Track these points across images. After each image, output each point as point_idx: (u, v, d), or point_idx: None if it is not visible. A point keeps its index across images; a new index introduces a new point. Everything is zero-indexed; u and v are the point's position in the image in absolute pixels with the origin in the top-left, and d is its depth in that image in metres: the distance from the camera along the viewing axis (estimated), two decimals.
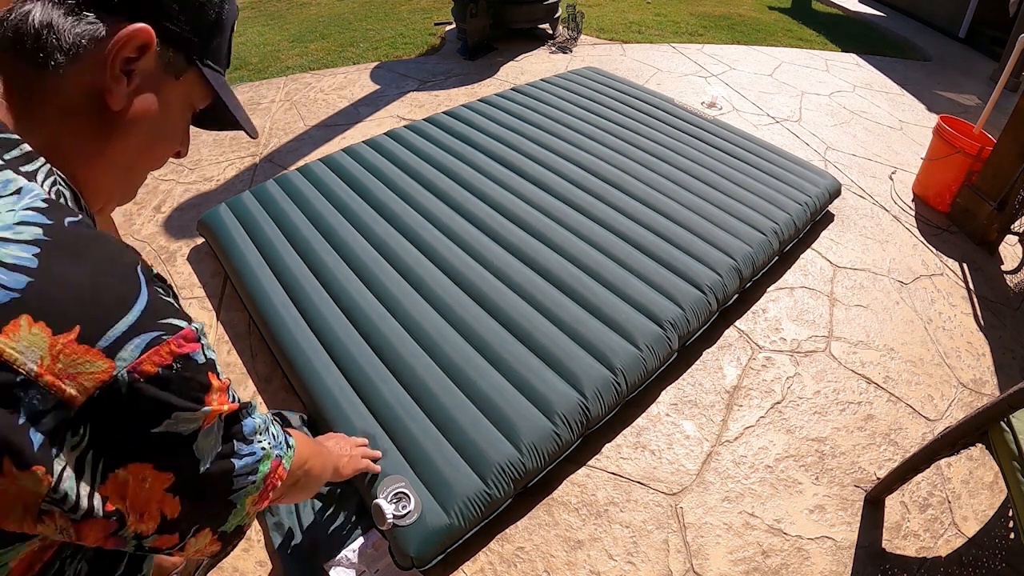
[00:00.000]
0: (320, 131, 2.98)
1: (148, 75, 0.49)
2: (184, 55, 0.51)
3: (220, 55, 0.56)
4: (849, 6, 5.74)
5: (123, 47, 0.45)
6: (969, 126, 2.52)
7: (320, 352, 1.55)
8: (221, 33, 0.54)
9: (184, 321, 0.44)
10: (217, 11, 0.52)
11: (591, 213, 2.02)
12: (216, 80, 0.55)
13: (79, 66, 0.45)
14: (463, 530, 1.22)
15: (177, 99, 0.54)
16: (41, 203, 0.39)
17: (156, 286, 0.43)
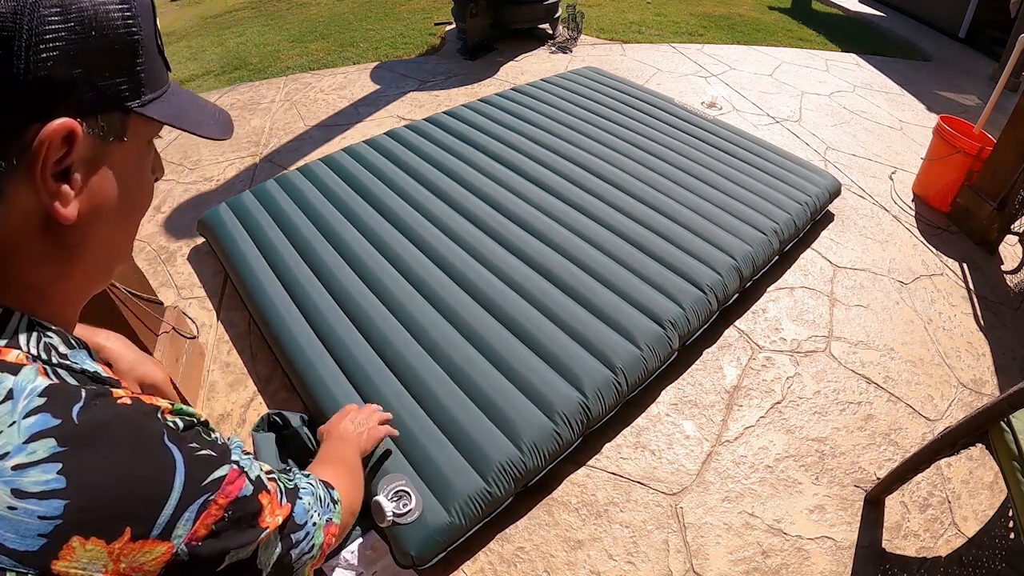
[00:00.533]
0: (320, 131, 2.98)
1: (88, 160, 0.40)
2: (118, 111, 0.42)
3: (154, 75, 0.45)
4: (849, 6, 5.74)
5: (46, 157, 0.37)
6: (969, 126, 2.52)
7: (321, 352, 1.55)
8: (145, 55, 0.43)
9: (223, 464, 0.42)
10: (129, 40, 0.41)
11: (591, 213, 2.02)
12: (163, 109, 0.45)
13: (6, 205, 0.37)
14: (464, 529, 1.22)
15: (132, 156, 0.45)
16: (38, 400, 0.35)
17: (189, 444, 0.40)
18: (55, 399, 0.35)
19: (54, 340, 0.41)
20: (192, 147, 2.86)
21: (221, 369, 1.70)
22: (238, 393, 1.63)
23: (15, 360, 0.37)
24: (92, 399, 0.37)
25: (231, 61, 4.01)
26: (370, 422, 1.21)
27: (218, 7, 5.95)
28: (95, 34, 0.38)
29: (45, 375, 0.37)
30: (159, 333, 1.55)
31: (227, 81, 3.67)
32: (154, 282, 1.89)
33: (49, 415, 0.35)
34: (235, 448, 0.45)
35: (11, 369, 0.36)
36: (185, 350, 1.62)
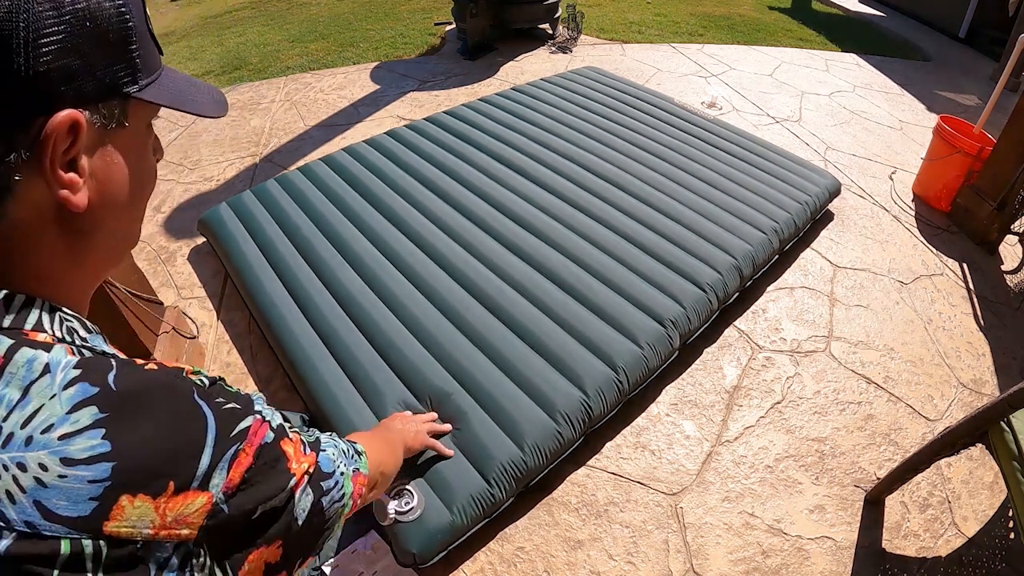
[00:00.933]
0: (320, 131, 2.98)
1: (94, 147, 0.42)
2: (118, 98, 0.43)
3: (148, 60, 0.46)
4: (849, 6, 5.74)
5: (54, 149, 0.38)
6: (969, 126, 2.53)
7: (322, 351, 1.55)
8: (139, 41, 0.44)
9: (247, 415, 0.44)
10: (122, 28, 0.42)
11: (592, 212, 2.03)
12: (160, 92, 0.46)
13: (19, 198, 0.38)
14: (465, 528, 1.22)
15: (134, 139, 0.46)
16: (74, 372, 0.37)
17: (216, 399, 0.43)
18: (90, 369, 0.37)
19: (75, 324, 0.43)
20: (192, 147, 2.86)
21: (221, 369, 1.70)
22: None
23: (45, 340, 0.38)
24: (123, 367, 0.39)
25: (231, 61, 4.01)
26: (421, 426, 1.23)
27: (218, 7, 5.95)
28: (89, 25, 0.39)
29: (73, 353, 0.38)
30: (159, 333, 1.55)
31: (227, 81, 3.67)
32: (154, 282, 1.89)
33: (87, 384, 0.36)
34: (257, 399, 0.48)
35: (44, 347, 0.37)
36: (185, 350, 1.62)
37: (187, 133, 2.98)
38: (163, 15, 6.09)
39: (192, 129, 3.02)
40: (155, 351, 1.46)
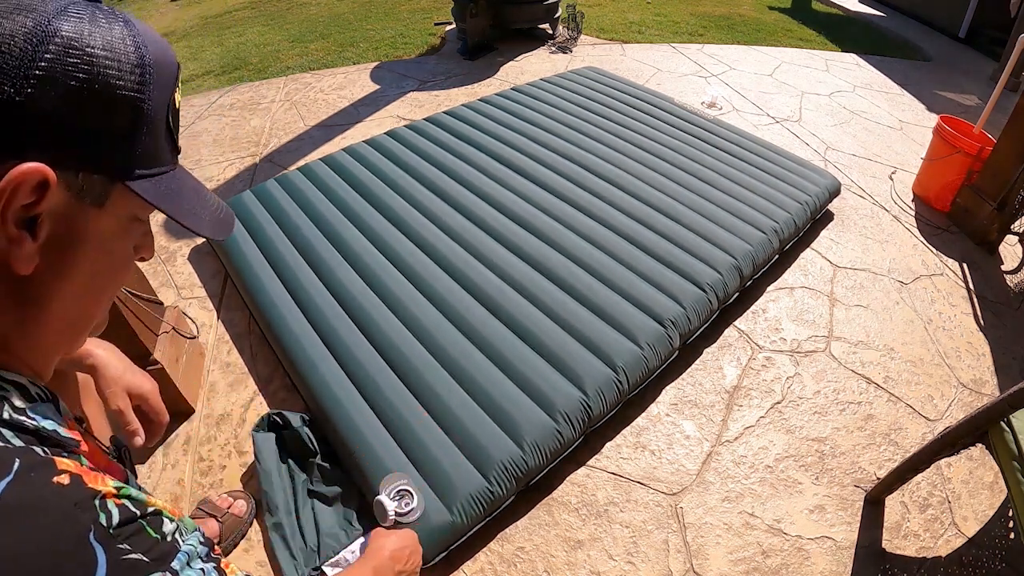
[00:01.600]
0: (320, 131, 2.98)
1: (60, 216, 0.37)
2: (103, 176, 0.39)
3: (152, 151, 0.41)
4: (849, 6, 5.74)
5: (11, 198, 0.34)
6: (969, 126, 2.52)
7: (322, 351, 1.55)
8: (150, 130, 0.40)
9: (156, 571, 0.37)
10: (134, 105, 0.38)
11: (592, 212, 2.03)
12: (153, 189, 0.41)
13: None
14: (465, 528, 1.23)
15: (110, 227, 0.41)
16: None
17: (118, 544, 0.35)
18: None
19: (10, 394, 0.38)
20: (192, 147, 2.86)
21: (221, 369, 1.70)
22: (238, 393, 1.63)
23: None
24: (28, 471, 0.33)
25: (231, 61, 4.01)
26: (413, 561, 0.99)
27: (218, 7, 5.95)
28: (98, 87, 0.36)
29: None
30: (159, 333, 1.55)
31: (227, 81, 3.67)
32: (154, 282, 1.89)
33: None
34: (182, 553, 0.40)
35: None
36: (185, 350, 1.62)
37: (188, 133, 2.98)
38: (163, 15, 6.09)
39: (192, 129, 3.02)
40: (155, 351, 1.46)
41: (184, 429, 1.54)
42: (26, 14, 0.35)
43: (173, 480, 1.43)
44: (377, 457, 1.30)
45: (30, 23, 0.34)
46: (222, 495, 1.34)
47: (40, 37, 0.34)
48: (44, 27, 0.35)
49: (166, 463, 1.46)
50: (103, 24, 0.37)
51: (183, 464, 1.46)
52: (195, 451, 1.49)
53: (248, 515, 1.32)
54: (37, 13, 0.35)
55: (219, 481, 1.42)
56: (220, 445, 1.50)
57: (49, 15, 0.35)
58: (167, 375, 1.46)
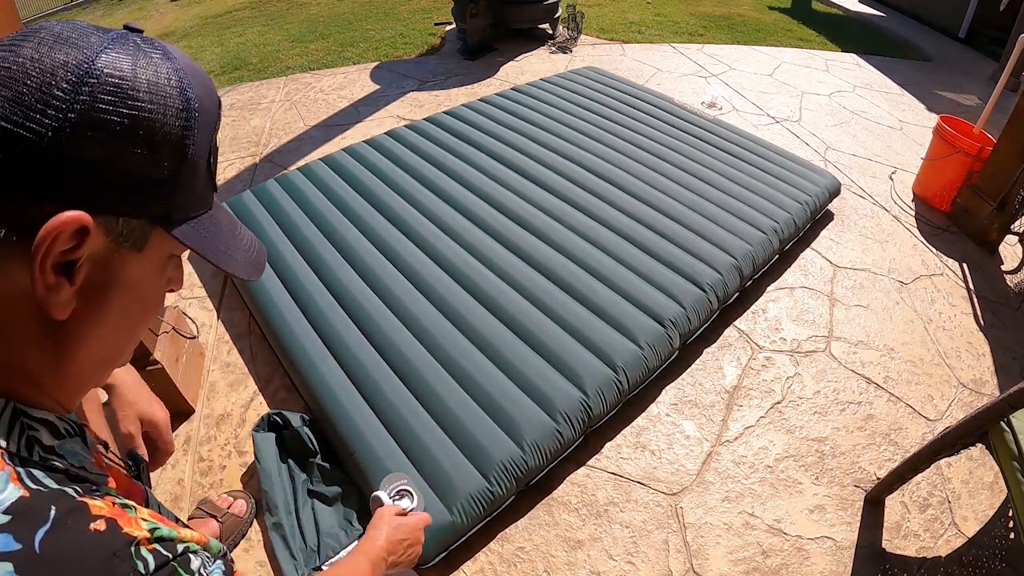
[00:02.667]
0: (320, 131, 2.98)
1: (98, 261, 0.37)
2: (144, 220, 0.38)
3: (194, 195, 0.41)
4: (849, 6, 5.74)
5: (51, 246, 0.33)
6: (969, 126, 2.52)
7: (322, 351, 1.55)
8: (192, 174, 0.40)
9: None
10: (177, 150, 0.38)
11: (592, 212, 2.03)
12: (192, 232, 0.41)
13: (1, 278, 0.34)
14: (465, 528, 1.22)
15: (147, 270, 0.41)
16: (3, 517, 0.32)
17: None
18: (20, 520, 0.32)
19: (40, 433, 0.38)
20: None
21: (221, 369, 1.70)
22: (238, 393, 1.63)
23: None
24: (63, 517, 0.33)
25: (231, 61, 4.01)
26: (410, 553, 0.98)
27: (218, 7, 5.95)
28: (142, 132, 0.35)
29: (18, 481, 0.33)
30: (159, 333, 1.55)
31: (227, 81, 3.67)
32: None
33: (11, 537, 0.31)
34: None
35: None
36: (185, 350, 1.62)
37: None
38: (163, 15, 6.09)
39: None
40: (155, 351, 1.46)
41: (184, 429, 1.54)
42: (69, 48, 0.34)
43: (173, 480, 1.43)
44: (377, 457, 1.30)
45: (73, 60, 0.33)
46: (222, 495, 1.34)
47: (83, 76, 0.33)
48: (88, 65, 0.33)
49: (166, 463, 1.46)
50: (147, 62, 0.36)
51: (183, 464, 1.46)
52: (195, 451, 1.49)
53: (248, 515, 1.32)
54: (80, 49, 0.34)
55: (219, 481, 1.42)
56: (220, 445, 1.50)
57: (93, 52, 0.34)
58: (167, 375, 1.46)
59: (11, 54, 0.33)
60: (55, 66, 0.33)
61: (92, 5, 7.41)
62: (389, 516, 0.95)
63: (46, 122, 0.32)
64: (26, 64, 0.32)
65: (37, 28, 0.35)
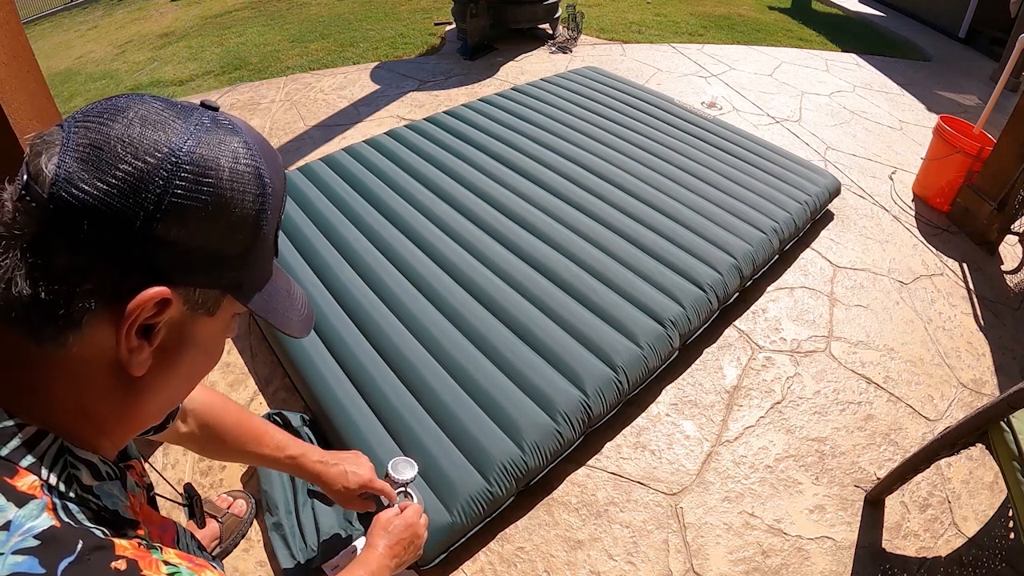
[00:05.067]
0: (320, 131, 2.99)
1: (175, 325, 0.41)
2: (218, 290, 0.42)
3: (262, 269, 0.45)
4: (849, 6, 5.74)
5: (136, 318, 0.37)
6: (969, 126, 2.53)
7: (322, 351, 1.55)
8: (262, 251, 0.43)
9: None
10: (252, 231, 0.41)
11: (592, 212, 2.03)
12: (262, 300, 0.46)
13: (85, 336, 0.37)
14: (465, 528, 1.22)
15: (215, 331, 0.45)
16: (32, 542, 0.33)
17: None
18: (48, 547, 0.34)
19: (81, 473, 0.40)
20: None
21: (221, 369, 1.70)
22: (238, 393, 1.63)
23: (26, 489, 0.36)
24: (88, 552, 0.35)
25: (231, 61, 4.01)
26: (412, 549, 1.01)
27: (218, 7, 5.95)
28: (224, 215, 0.38)
29: (52, 512, 0.36)
30: None
31: (227, 81, 3.67)
32: None
33: (36, 561, 0.33)
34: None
35: (18, 500, 0.35)
36: None
37: None
38: (163, 15, 6.09)
39: None
40: None
41: None
42: (157, 133, 0.36)
43: (173, 480, 1.43)
44: (377, 457, 1.30)
45: (164, 147, 0.36)
46: (222, 495, 1.34)
47: (175, 164, 0.36)
48: (177, 154, 0.36)
49: (166, 463, 1.46)
50: (229, 149, 0.39)
51: (183, 464, 1.46)
52: None
53: (248, 515, 1.32)
54: (167, 134, 0.36)
55: (219, 481, 1.42)
56: None
57: (181, 139, 0.37)
58: None
59: (99, 135, 0.35)
60: (147, 151, 0.35)
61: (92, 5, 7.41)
62: (384, 522, 0.97)
63: (142, 206, 0.35)
64: (118, 147, 0.35)
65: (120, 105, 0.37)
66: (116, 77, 4.31)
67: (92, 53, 5.23)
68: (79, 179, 0.34)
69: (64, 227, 0.34)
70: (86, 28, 6.26)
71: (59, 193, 0.34)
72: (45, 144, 0.36)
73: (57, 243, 0.34)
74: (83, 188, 0.34)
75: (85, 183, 0.34)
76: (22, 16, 2.18)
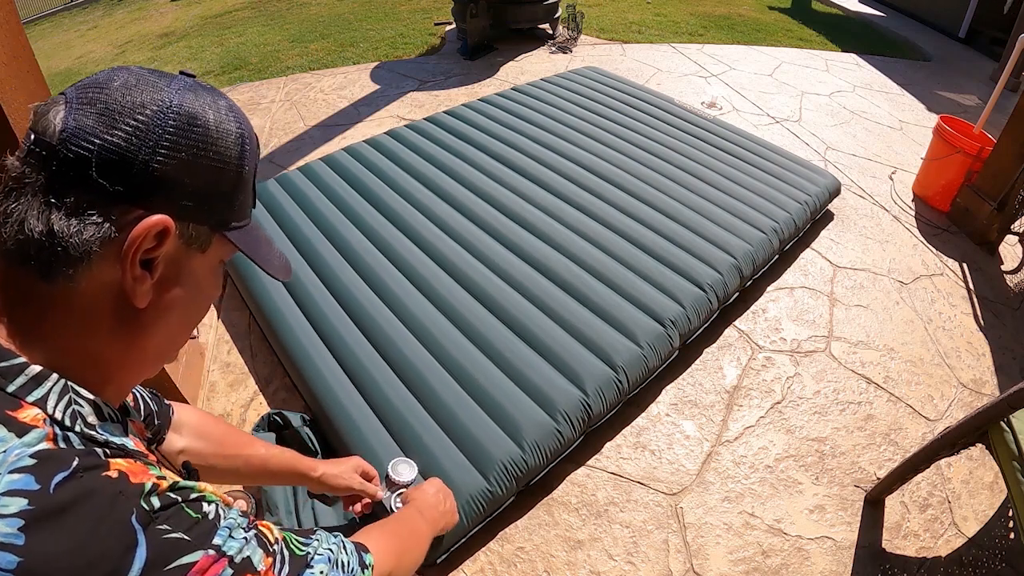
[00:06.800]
0: (320, 131, 2.99)
1: (172, 259, 0.45)
2: (208, 226, 0.46)
3: (244, 207, 0.50)
4: (849, 6, 5.74)
5: (140, 244, 0.41)
6: (969, 126, 2.53)
7: (322, 350, 1.55)
8: (244, 190, 0.49)
9: (196, 549, 0.41)
10: (236, 171, 0.47)
11: (592, 212, 2.03)
12: (243, 238, 0.50)
13: (92, 270, 0.41)
14: (466, 528, 1.22)
15: (207, 268, 0.49)
16: (28, 461, 0.36)
17: (158, 526, 0.39)
18: (43, 464, 0.36)
19: (84, 409, 0.42)
20: None
21: (221, 369, 1.70)
22: (238, 393, 1.63)
23: (29, 420, 0.38)
24: (81, 470, 0.37)
25: (231, 61, 4.01)
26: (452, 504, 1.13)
27: (218, 7, 5.95)
28: (212, 155, 0.44)
29: (52, 441, 0.38)
30: None
31: (227, 81, 3.67)
32: None
33: (32, 478, 0.35)
34: (223, 528, 0.44)
35: (19, 430, 0.37)
36: (185, 350, 1.62)
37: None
38: (163, 15, 6.09)
39: None
40: None
41: None
42: (151, 91, 0.42)
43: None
44: (377, 457, 1.30)
45: (157, 100, 0.42)
46: (223, 495, 1.34)
47: (166, 112, 0.42)
48: (168, 104, 0.42)
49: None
50: (210, 101, 0.45)
51: None
52: None
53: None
54: (159, 91, 0.43)
55: None
56: None
57: (170, 94, 0.43)
58: (167, 375, 1.46)
59: (101, 93, 0.41)
60: (143, 103, 0.41)
61: (92, 5, 7.41)
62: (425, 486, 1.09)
63: (142, 147, 0.41)
64: (118, 101, 0.41)
65: (113, 73, 0.44)
66: None
67: (92, 53, 5.23)
68: (87, 127, 0.39)
69: (74, 169, 0.39)
70: (86, 28, 6.26)
71: (69, 139, 0.39)
72: (48, 107, 0.41)
73: (67, 184, 0.39)
74: (91, 134, 0.39)
75: (91, 130, 0.39)
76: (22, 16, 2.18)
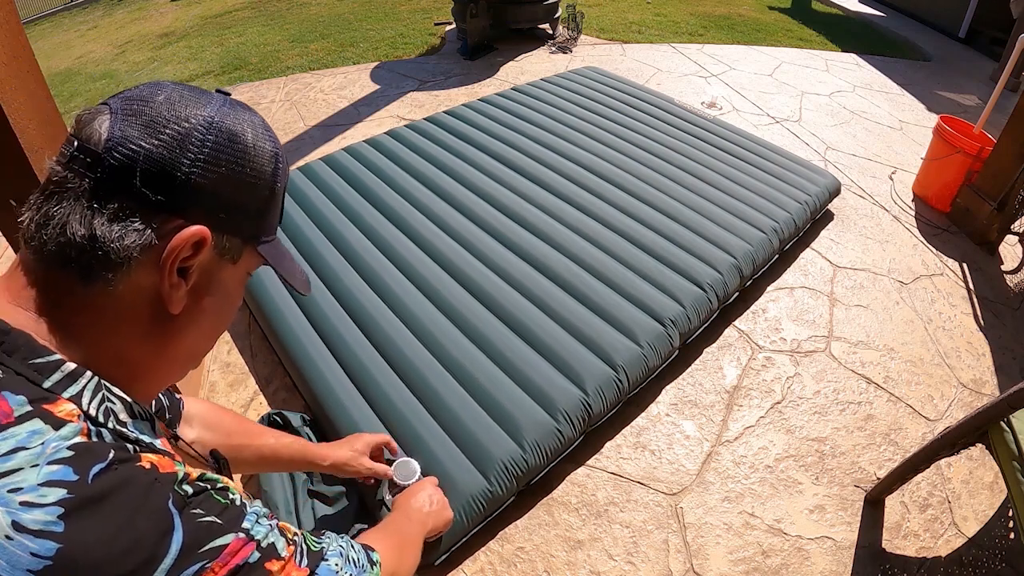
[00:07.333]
0: (320, 131, 2.99)
1: (205, 268, 0.47)
2: (240, 238, 0.49)
3: (274, 224, 0.53)
4: (849, 6, 5.74)
5: (179, 252, 0.43)
6: (969, 126, 2.53)
7: (322, 350, 1.55)
8: (275, 205, 0.52)
9: (227, 532, 0.43)
10: (270, 187, 0.49)
11: (592, 211, 2.03)
12: (270, 251, 0.53)
13: (130, 275, 0.42)
14: (466, 528, 1.22)
15: (236, 279, 0.52)
16: (66, 453, 0.37)
17: (192, 510, 0.42)
18: (81, 456, 0.38)
19: (116, 407, 0.44)
20: None
21: (221, 369, 1.70)
22: (238, 393, 1.63)
23: (64, 415, 0.39)
24: (116, 462, 0.39)
25: (231, 61, 4.01)
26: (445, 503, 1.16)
27: (218, 7, 5.95)
28: (248, 171, 0.47)
29: (86, 436, 0.39)
30: None
31: (227, 81, 3.67)
32: None
33: (71, 469, 0.37)
34: (250, 514, 0.46)
35: (56, 424, 0.38)
36: None
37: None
38: (163, 15, 6.09)
39: None
40: None
41: None
42: (194, 106, 0.45)
43: None
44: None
45: (201, 115, 0.44)
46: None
47: (209, 127, 0.44)
48: (211, 120, 0.45)
49: None
50: (248, 120, 0.48)
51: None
52: None
53: None
54: (203, 106, 0.45)
55: None
56: None
57: (212, 110, 0.45)
58: None
59: (145, 106, 0.43)
60: (186, 118, 0.44)
61: (92, 5, 7.41)
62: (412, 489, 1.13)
63: (185, 160, 0.43)
64: (163, 114, 0.43)
65: (155, 88, 0.46)
66: (116, 77, 4.31)
67: (92, 53, 5.23)
68: (132, 137, 0.41)
69: (118, 177, 0.41)
70: (86, 28, 6.26)
71: (115, 148, 0.41)
72: (92, 115, 0.43)
73: (111, 191, 0.41)
74: (137, 144, 0.41)
75: (136, 141, 0.41)
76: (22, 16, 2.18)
